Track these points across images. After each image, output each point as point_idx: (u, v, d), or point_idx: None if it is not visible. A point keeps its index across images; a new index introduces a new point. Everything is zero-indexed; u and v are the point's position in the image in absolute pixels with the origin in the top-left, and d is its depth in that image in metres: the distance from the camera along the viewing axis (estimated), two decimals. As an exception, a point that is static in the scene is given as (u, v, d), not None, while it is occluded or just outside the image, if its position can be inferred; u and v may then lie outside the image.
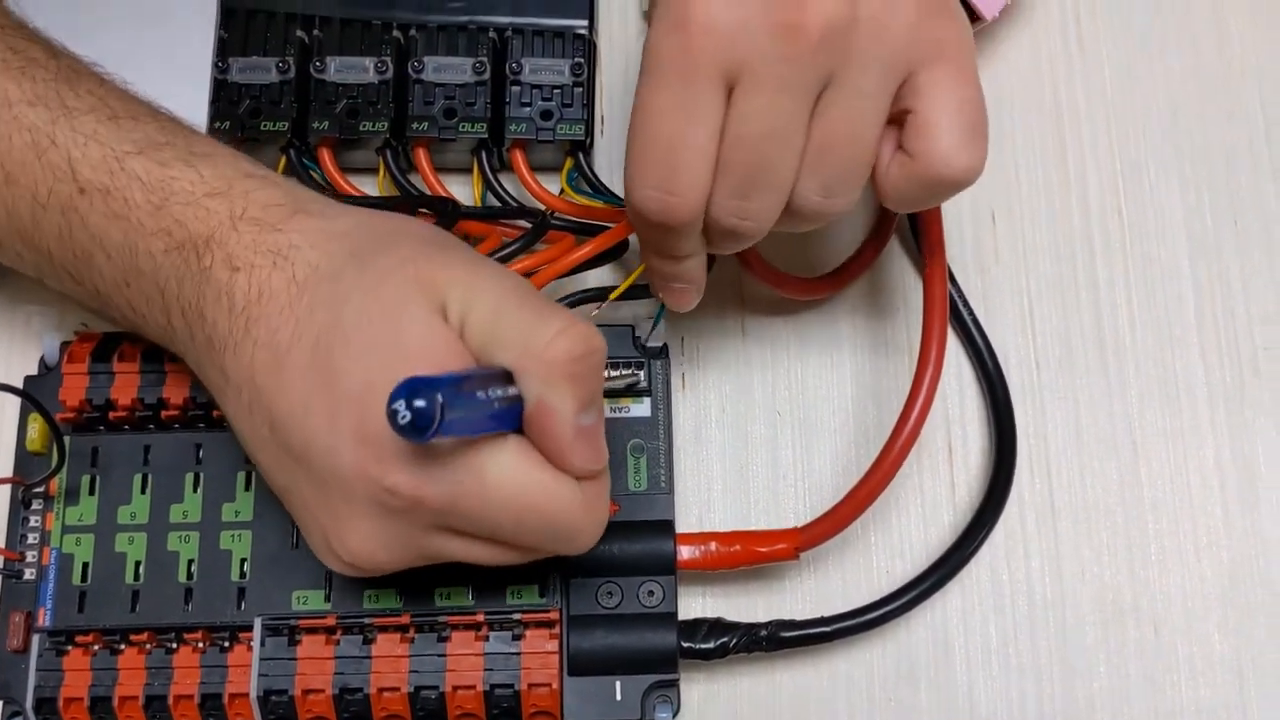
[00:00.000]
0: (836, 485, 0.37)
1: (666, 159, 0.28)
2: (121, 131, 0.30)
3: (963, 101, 0.29)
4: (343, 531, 0.28)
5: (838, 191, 0.29)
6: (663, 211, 0.29)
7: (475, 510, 0.27)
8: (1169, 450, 0.38)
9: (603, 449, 0.29)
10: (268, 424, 0.28)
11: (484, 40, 0.38)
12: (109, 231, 0.30)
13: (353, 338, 0.27)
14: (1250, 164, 0.41)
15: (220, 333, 0.29)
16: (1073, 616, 0.37)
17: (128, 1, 0.39)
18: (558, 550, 0.29)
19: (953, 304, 0.38)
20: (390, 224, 0.30)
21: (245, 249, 0.29)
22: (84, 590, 0.34)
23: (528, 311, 0.27)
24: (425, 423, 0.24)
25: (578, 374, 0.27)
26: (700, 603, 0.36)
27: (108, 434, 0.35)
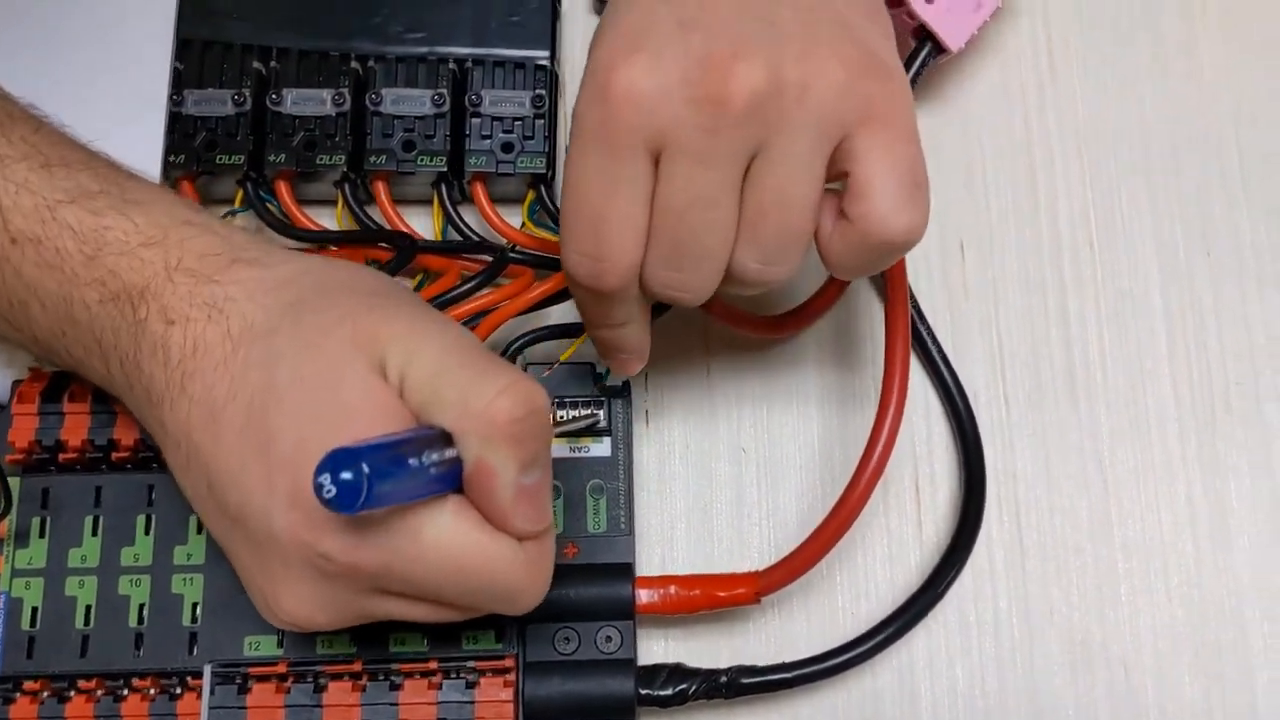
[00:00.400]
0: (802, 523, 0.37)
1: (593, 227, 0.28)
2: (54, 180, 0.30)
3: (898, 161, 0.28)
4: (279, 594, 0.28)
5: (776, 260, 0.29)
6: (592, 277, 0.29)
7: (412, 574, 0.27)
8: (1140, 487, 0.38)
9: (546, 508, 0.28)
10: (205, 481, 0.28)
11: (443, 71, 0.38)
12: (43, 281, 0.30)
13: (287, 398, 0.27)
14: (1223, 195, 0.40)
15: (157, 386, 0.28)
16: (1041, 658, 0.36)
17: (81, 32, 0.38)
18: (500, 610, 0.29)
19: (920, 339, 0.38)
20: (332, 274, 0.29)
21: (180, 301, 0.28)
22: (33, 635, 0.33)
23: (469, 369, 0.27)
24: (353, 496, 0.24)
25: (519, 434, 0.26)
26: (662, 645, 0.36)
27: (59, 475, 0.35)
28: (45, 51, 0.38)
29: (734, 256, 0.28)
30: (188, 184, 0.38)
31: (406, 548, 0.26)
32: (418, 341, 0.27)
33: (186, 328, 0.28)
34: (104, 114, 0.38)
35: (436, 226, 0.38)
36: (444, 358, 0.27)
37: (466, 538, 0.27)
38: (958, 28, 0.38)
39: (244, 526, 0.27)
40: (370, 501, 0.24)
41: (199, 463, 0.28)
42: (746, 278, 0.29)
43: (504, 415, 0.26)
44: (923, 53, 0.38)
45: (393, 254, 0.36)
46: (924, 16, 0.38)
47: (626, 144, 0.27)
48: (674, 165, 0.27)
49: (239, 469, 0.27)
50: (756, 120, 0.27)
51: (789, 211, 0.28)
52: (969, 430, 0.37)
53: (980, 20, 0.38)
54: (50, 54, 0.38)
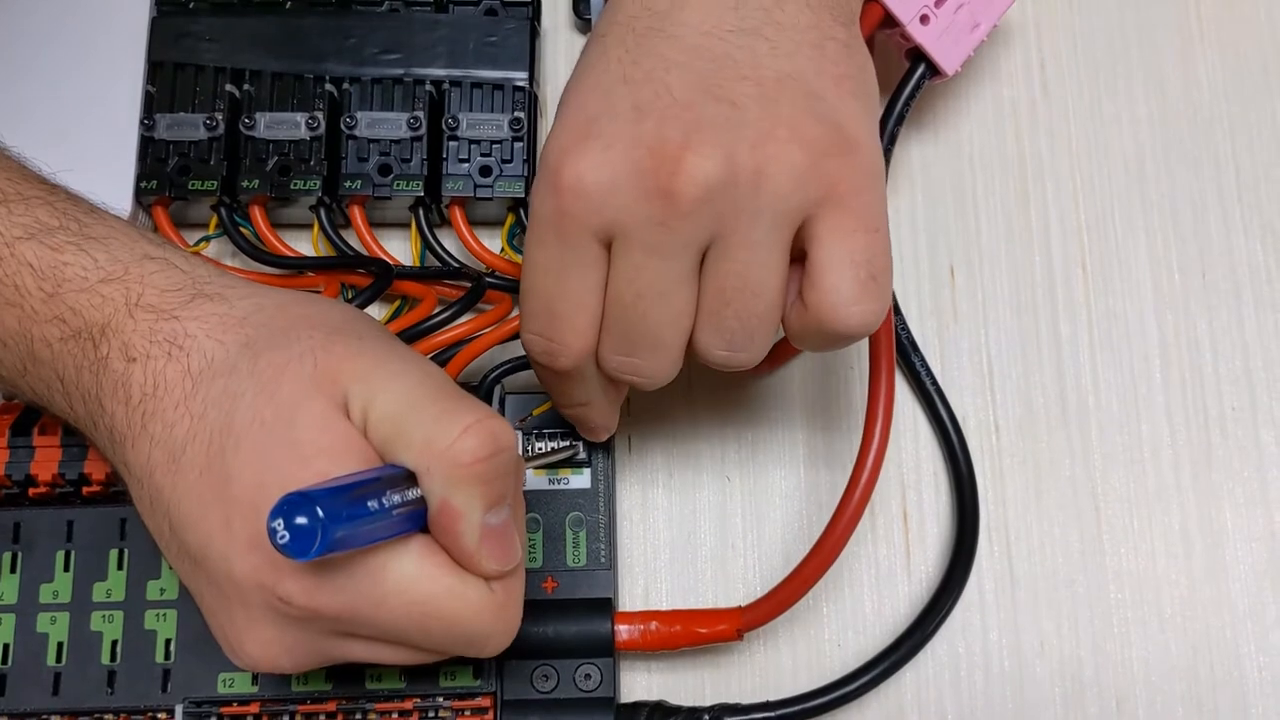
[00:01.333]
0: (788, 553, 0.36)
1: (546, 310, 0.28)
2: (12, 216, 0.29)
3: (856, 250, 0.27)
4: (241, 637, 0.27)
5: (742, 346, 0.28)
6: (547, 356, 0.29)
7: (375, 619, 0.26)
8: (1133, 516, 0.37)
9: (514, 547, 0.27)
10: (167, 522, 0.27)
11: (420, 94, 0.37)
12: (2, 319, 0.29)
13: (244, 439, 0.26)
14: (1220, 216, 0.39)
15: (119, 425, 0.28)
16: (1032, 691, 0.35)
17: (51, 56, 0.38)
18: (467, 654, 0.28)
19: (913, 370, 0.37)
20: (294, 310, 0.29)
21: (141, 338, 0.28)
22: (4, 673, 0.33)
23: (433, 406, 0.26)
24: (307, 542, 0.23)
25: (484, 475, 0.26)
26: (644, 679, 0.35)
27: (30, 509, 0.34)
28: (14, 75, 0.38)
29: (699, 342, 0.28)
30: (161, 209, 0.37)
31: (369, 592, 0.26)
32: (380, 378, 0.26)
33: (147, 365, 0.27)
34: (75, 139, 0.37)
35: (414, 251, 0.38)
36: (407, 395, 0.26)
37: (432, 582, 0.26)
38: (953, 50, 0.37)
39: (205, 569, 0.27)
40: (326, 547, 0.24)
41: (160, 504, 0.27)
42: (714, 362, 0.29)
43: (468, 456, 0.25)
44: (916, 75, 0.37)
45: (370, 280, 0.36)
46: (919, 39, 0.37)
47: (577, 234, 0.27)
48: (624, 255, 0.27)
49: (199, 511, 0.26)
50: (709, 211, 0.26)
51: (751, 299, 0.27)
52: (964, 468, 0.36)
53: (976, 41, 0.37)
54: (19, 78, 0.38)
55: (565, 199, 0.27)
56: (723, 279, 0.27)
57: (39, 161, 0.31)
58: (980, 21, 0.37)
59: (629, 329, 0.28)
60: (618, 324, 0.28)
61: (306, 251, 0.38)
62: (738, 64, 0.27)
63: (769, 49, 0.28)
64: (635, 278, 0.27)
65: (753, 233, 0.27)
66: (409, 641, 0.27)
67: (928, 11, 0.37)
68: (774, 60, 0.28)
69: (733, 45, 0.28)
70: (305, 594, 0.25)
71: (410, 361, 0.28)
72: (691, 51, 0.27)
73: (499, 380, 0.35)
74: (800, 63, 0.28)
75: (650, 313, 0.27)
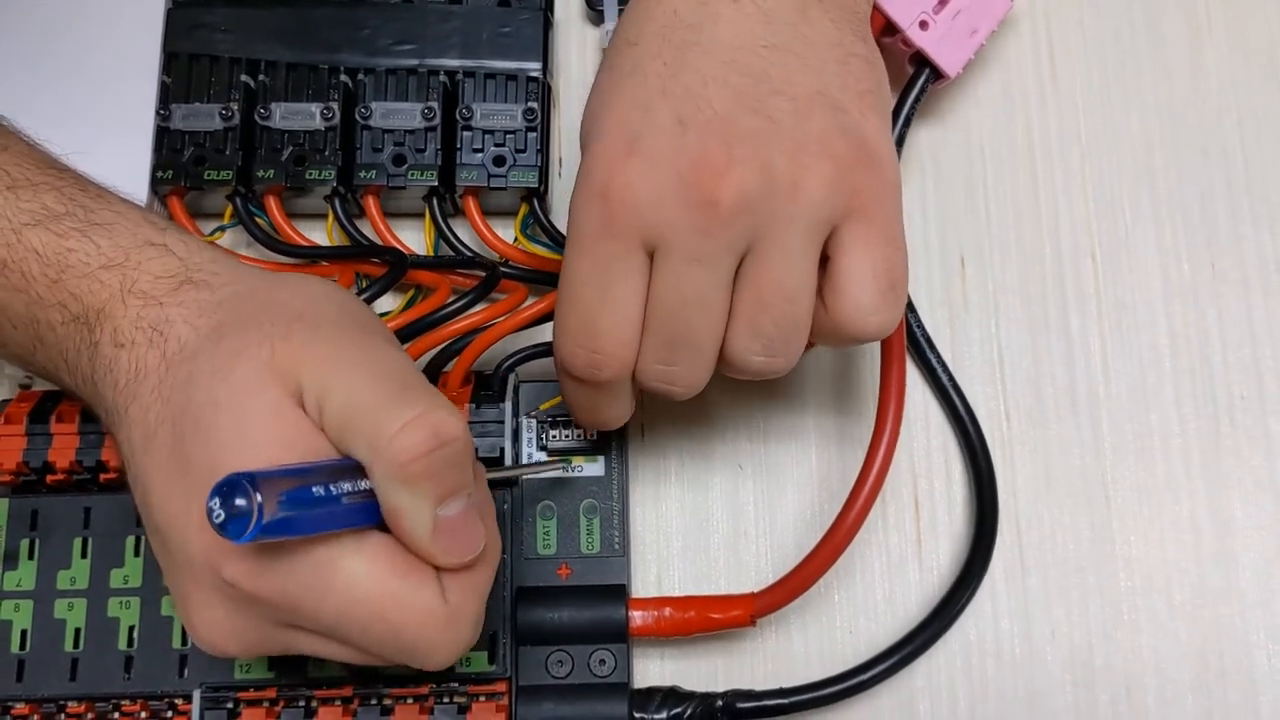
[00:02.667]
0: (799, 540, 0.36)
1: (589, 322, 0.29)
2: (20, 202, 0.29)
3: (877, 260, 0.29)
4: (192, 617, 0.27)
5: (779, 350, 0.29)
6: (588, 368, 0.29)
7: (316, 612, 0.26)
8: (1143, 504, 0.37)
9: (472, 539, 0.27)
10: (143, 503, 0.28)
11: (434, 84, 0.37)
12: (11, 303, 0.29)
13: (201, 422, 0.26)
14: (1228, 206, 0.40)
15: (110, 408, 0.28)
16: (1042, 678, 0.36)
17: (68, 47, 0.38)
18: (411, 664, 0.27)
19: (926, 361, 0.37)
20: (264, 294, 0.28)
21: (129, 324, 0.28)
22: (22, 659, 0.33)
23: (380, 400, 0.26)
24: (240, 524, 0.23)
25: (426, 471, 0.25)
26: (658, 665, 0.35)
27: (47, 496, 0.34)
28: (32, 66, 0.38)
29: (736, 349, 0.29)
30: (176, 199, 0.37)
31: (311, 583, 0.26)
32: (333, 369, 0.26)
33: (133, 351, 0.28)
34: (91, 129, 0.37)
35: (428, 241, 0.38)
36: (356, 388, 0.26)
37: (378, 584, 0.26)
38: (954, 53, 0.38)
39: (169, 548, 0.27)
40: (264, 531, 0.23)
41: (139, 485, 0.28)
42: (750, 368, 0.29)
43: (406, 453, 0.25)
44: (920, 79, 0.38)
45: (384, 269, 0.36)
46: (920, 44, 0.37)
47: (623, 243, 0.28)
48: (668, 264, 0.28)
49: (165, 491, 0.27)
50: (748, 220, 0.28)
51: (788, 304, 0.29)
52: (982, 463, 0.36)
53: (976, 45, 0.38)
54: (37, 69, 0.38)
55: (614, 209, 0.28)
56: (760, 286, 0.28)
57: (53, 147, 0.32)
58: (978, 27, 0.38)
59: (672, 336, 0.29)
60: (661, 332, 0.29)
61: (321, 241, 0.38)
62: (772, 79, 0.28)
63: (800, 64, 0.29)
64: (679, 285, 0.28)
65: (789, 240, 0.28)
66: (350, 641, 0.27)
67: (926, 17, 0.38)
68: (804, 76, 0.29)
69: (767, 60, 0.29)
70: (248, 578, 0.26)
71: (368, 352, 0.27)
72: (728, 66, 0.28)
73: (513, 369, 0.35)
74: (827, 79, 0.29)
75: (694, 319, 0.28)
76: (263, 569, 0.26)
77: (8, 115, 0.32)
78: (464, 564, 0.27)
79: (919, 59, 0.38)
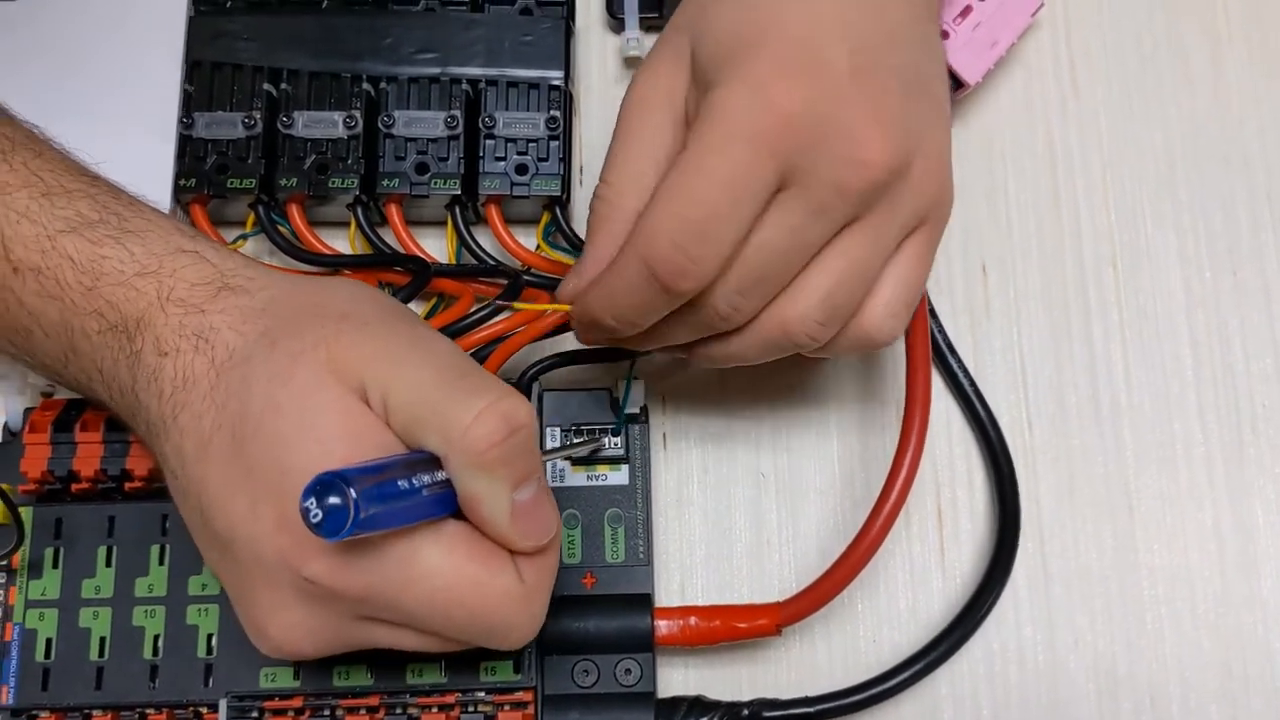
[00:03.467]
0: (822, 548, 0.36)
1: (704, 224, 0.27)
2: (54, 208, 0.29)
3: (913, 279, 0.30)
4: (266, 621, 0.27)
5: (836, 322, 0.29)
6: (677, 274, 0.27)
7: (400, 602, 0.26)
8: (1166, 513, 0.37)
9: (546, 522, 0.27)
10: (198, 511, 0.28)
11: (457, 93, 0.37)
12: (45, 310, 0.29)
13: (263, 426, 0.26)
14: (1249, 214, 0.40)
15: (154, 418, 0.28)
16: (1066, 686, 0.36)
17: (92, 55, 0.38)
18: (490, 645, 0.28)
19: (949, 370, 0.37)
20: (310, 297, 0.29)
21: (172, 332, 0.28)
22: (47, 667, 0.33)
23: (447, 391, 0.26)
24: (339, 521, 0.23)
25: (502, 458, 0.26)
26: (682, 674, 0.35)
27: (72, 504, 0.34)
28: (56, 74, 0.38)
29: (797, 311, 0.29)
30: (199, 207, 0.37)
31: (394, 575, 0.26)
32: (392, 365, 0.27)
33: (177, 359, 0.28)
34: (114, 137, 0.37)
35: (450, 249, 0.38)
36: (417, 382, 0.26)
37: (457, 571, 0.26)
38: (974, 63, 0.38)
39: (233, 554, 0.27)
40: (358, 526, 0.24)
41: (192, 494, 0.28)
42: (803, 334, 0.29)
43: (484, 442, 0.25)
44: None
45: (408, 278, 0.36)
46: None
47: (774, 161, 0.27)
48: (796, 205, 0.28)
49: (226, 497, 0.27)
50: (879, 191, 0.28)
51: (861, 282, 0.29)
52: (1005, 470, 0.36)
53: (996, 55, 0.38)
54: (61, 77, 0.38)
55: (781, 123, 0.27)
56: (848, 260, 0.28)
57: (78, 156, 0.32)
58: (999, 39, 0.38)
59: (762, 274, 0.28)
60: (756, 266, 0.28)
61: (344, 250, 0.38)
62: (920, 70, 0.29)
63: (935, 70, 0.30)
64: (795, 229, 0.28)
65: (890, 228, 0.29)
66: (431, 628, 0.27)
67: (948, 28, 0.38)
68: (937, 83, 0.30)
69: (918, 53, 0.30)
70: (330, 574, 0.26)
71: (419, 346, 0.27)
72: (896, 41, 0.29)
73: (536, 378, 0.35)
74: (942, 90, 0.30)
75: (787, 265, 0.28)
76: (345, 564, 0.26)
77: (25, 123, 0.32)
78: (540, 547, 0.27)
79: None
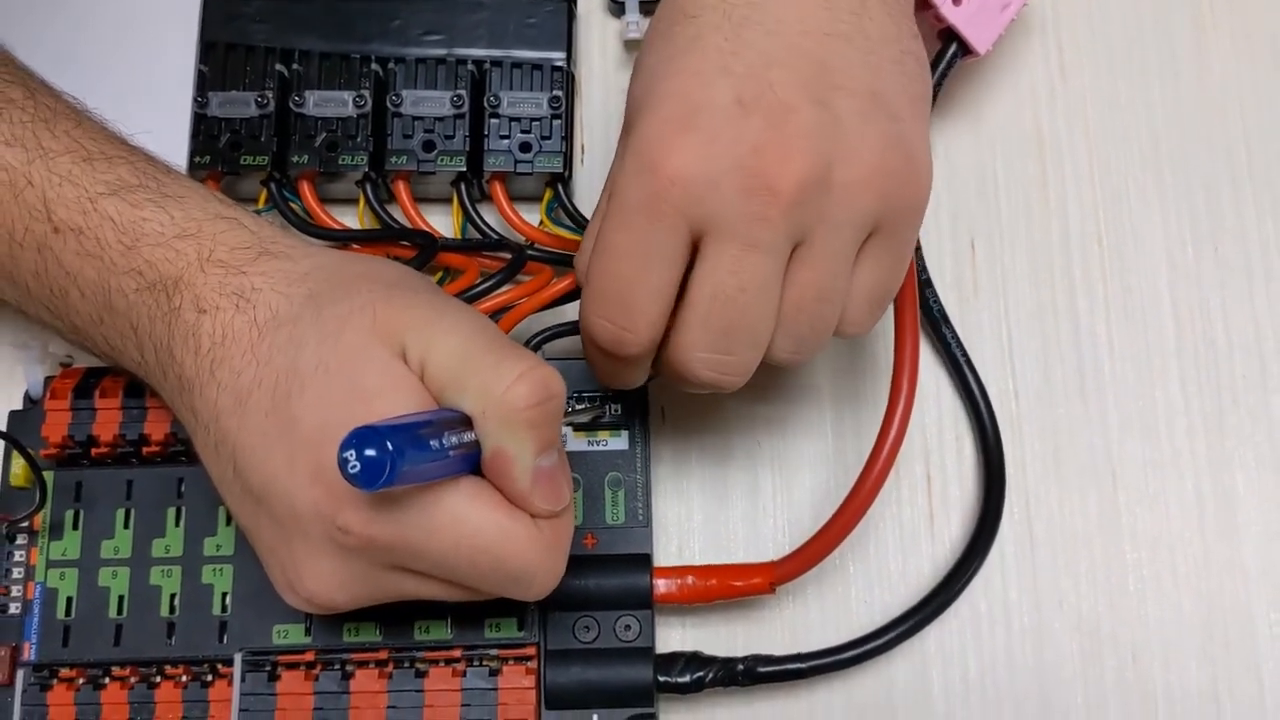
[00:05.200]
0: (815, 515, 0.37)
1: (622, 296, 0.29)
2: (96, 173, 0.31)
3: (879, 283, 0.29)
4: (300, 570, 0.28)
5: (808, 349, 0.30)
6: (614, 343, 0.29)
7: (427, 550, 0.28)
8: (1148, 480, 0.38)
9: (563, 490, 0.29)
10: (231, 464, 0.29)
11: (462, 73, 0.39)
12: (83, 270, 0.30)
13: (310, 383, 0.27)
14: (1231, 193, 0.41)
15: (188, 373, 0.29)
16: (1051, 647, 0.37)
17: (107, 36, 0.39)
18: (515, 594, 0.29)
19: (942, 339, 0.38)
20: (353, 266, 0.30)
21: (211, 291, 0.29)
22: (68, 624, 0.34)
23: (488, 355, 0.27)
24: (376, 472, 0.25)
25: (536, 420, 0.27)
26: (679, 633, 0.37)
27: (91, 469, 0.36)
28: (71, 54, 0.39)
29: (771, 343, 0.29)
30: (213, 184, 0.38)
31: (422, 523, 0.27)
32: (437, 328, 0.28)
33: (216, 316, 0.29)
34: (130, 116, 0.38)
35: (456, 225, 0.39)
36: (463, 344, 0.28)
37: (483, 517, 0.27)
38: (985, 29, 0.38)
39: (267, 505, 0.28)
40: (393, 478, 0.25)
41: (226, 446, 0.29)
42: (778, 362, 0.30)
43: (522, 401, 0.27)
44: (948, 54, 0.38)
45: (415, 252, 0.37)
46: (951, 20, 0.38)
47: (670, 222, 0.27)
48: (722, 250, 0.27)
49: (263, 450, 0.28)
50: (802, 213, 0.27)
51: (825, 305, 0.29)
52: (990, 434, 0.37)
53: (1007, 20, 0.38)
54: (77, 57, 0.39)
55: (665, 186, 0.27)
56: (804, 286, 0.28)
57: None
58: (1010, 1, 0.38)
59: (729, 324, 0.28)
60: (718, 319, 0.28)
61: (353, 225, 0.39)
62: (833, 71, 0.28)
63: (861, 60, 0.28)
64: (738, 271, 0.27)
65: (834, 243, 0.28)
66: (457, 577, 0.28)
67: None
68: (865, 73, 0.28)
69: (829, 50, 0.28)
70: (363, 524, 0.27)
71: (463, 313, 0.29)
72: (791, 50, 0.28)
73: (539, 346, 0.37)
74: (886, 80, 0.28)
75: (753, 306, 0.28)
76: (376, 514, 0.27)
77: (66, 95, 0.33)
78: (555, 512, 0.28)
79: (948, 34, 0.38)
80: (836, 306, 0.29)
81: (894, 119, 0.28)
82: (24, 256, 0.31)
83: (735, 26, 0.28)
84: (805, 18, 0.28)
